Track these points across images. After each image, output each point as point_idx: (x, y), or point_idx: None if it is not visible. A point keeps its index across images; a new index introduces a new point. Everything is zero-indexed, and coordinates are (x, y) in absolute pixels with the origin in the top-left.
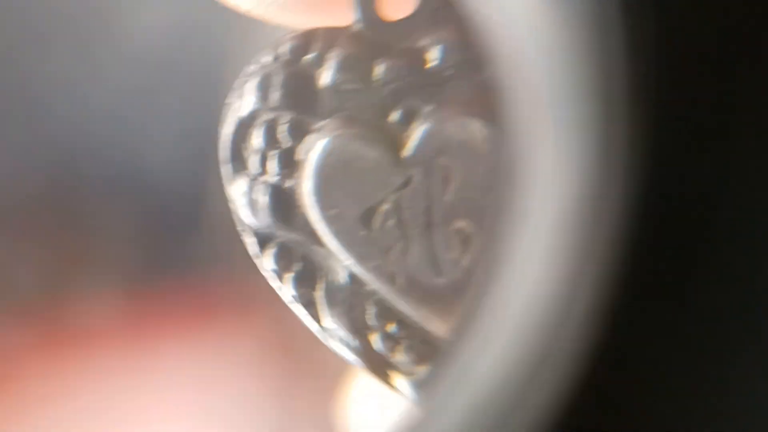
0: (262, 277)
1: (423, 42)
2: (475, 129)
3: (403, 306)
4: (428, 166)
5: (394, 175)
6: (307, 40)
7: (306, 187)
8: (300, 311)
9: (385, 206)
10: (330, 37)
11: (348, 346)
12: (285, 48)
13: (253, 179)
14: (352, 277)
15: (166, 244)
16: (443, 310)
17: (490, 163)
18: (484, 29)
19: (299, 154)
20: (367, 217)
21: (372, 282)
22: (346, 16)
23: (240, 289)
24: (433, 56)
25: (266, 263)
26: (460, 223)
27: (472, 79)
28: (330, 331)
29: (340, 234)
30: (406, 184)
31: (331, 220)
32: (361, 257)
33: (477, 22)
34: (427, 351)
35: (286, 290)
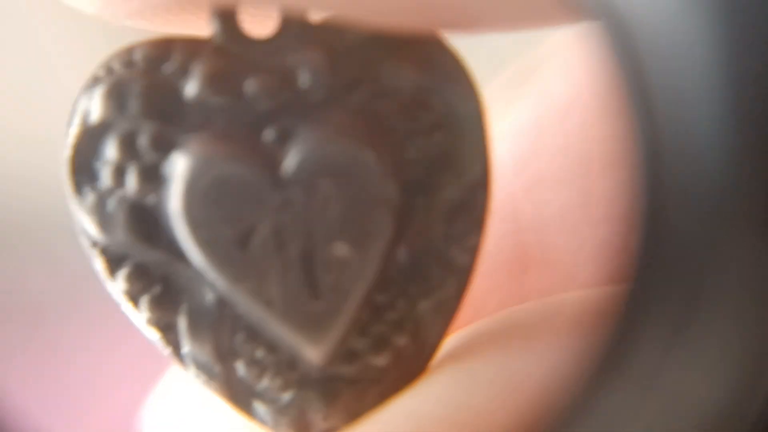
0: None
1: (290, 61)
2: (355, 152)
3: (277, 330)
4: (308, 188)
5: (271, 195)
6: (164, 49)
7: (175, 205)
8: (154, 336)
9: (262, 228)
10: (190, 48)
11: (208, 372)
12: (139, 56)
13: (106, 193)
14: (220, 300)
15: None
16: (318, 334)
17: (368, 186)
18: None
19: (164, 168)
20: (243, 238)
21: (245, 305)
22: (205, 28)
23: None
24: (303, 76)
25: (118, 284)
26: (339, 246)
27: (345, 102)
28: (189, 357)
29: (213, 255)
30: (284, 205)
31: (203, 242)
32: (235, 279)
33: None
34: (294, 377)
35: (140, 313)
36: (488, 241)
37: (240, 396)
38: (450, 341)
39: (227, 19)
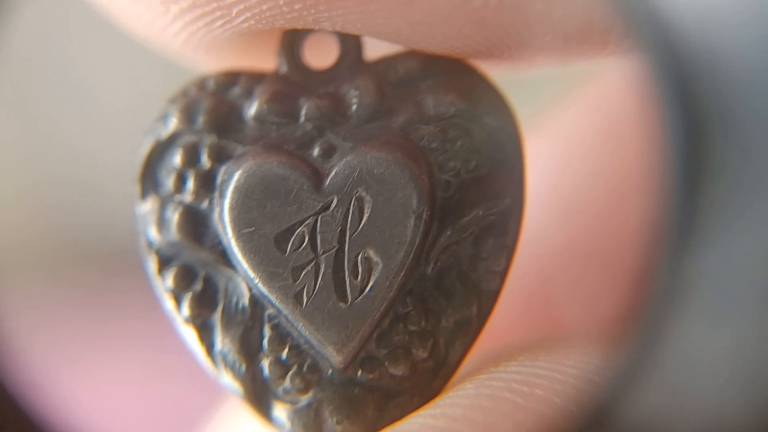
0: None
1: (343, 88)
2: (392, 166)
3: (303, 328)
4: (345, 196)
5: (312, 201)
6: (233, 76)
7: (227, 203)
8: (190, 334)
9: (301, 230)
10: (256, 76)
11: (236, 370)
12: (211, 81)
13: (167, 198)
14: (253, 300)
15: None
16: (342, 335)
17: (401, 197)
18: None
19: (218, 176)
20: (281, 238)
21: (276, 303)
22: (270, 61)
23: None
24: (353, 101)
25: (165, 282)
26: (368, 252)
27: (389, 124)
28: (220, 355)
29: (252, 252)
30: (323, 210)
31: (245, 238)
32: (270, 276)
33: None
34: (314, 379)
35: (180, 312)
36: (518, 268)
37: (261, 396)
38: (472, 363)
39: (291, 50)
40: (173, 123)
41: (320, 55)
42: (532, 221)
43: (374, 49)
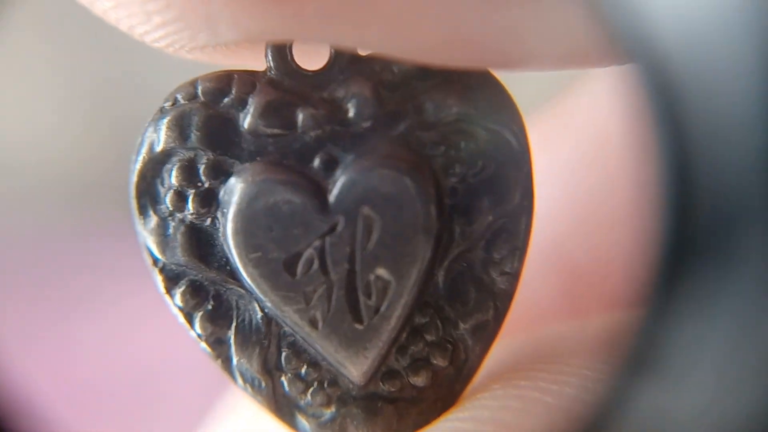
0: None
1: (339, 93)
2: (397, 181)
3: (320, 350)
4: (352, 215)
5: (318, 222)
6: (224, 82)
7: (230, 228)
8: (206, 351)
9: (309, 252)
10: (247, 81)
11: (255, 386)
12: (201, 88)
13: (167, 216)
14: (267, 319)
15: None
16: (359, 354)
17: (409, 213)
18: None
19: (220, 194)
20: (291, 262)
21: (291, 325)
22: (261, 61)
23: None
24: (350, 108)
25: (175, 301)
26: (380, 271)
27: (389, 132)
28: (238, 370)
29: (262, 277)
30: (329, 231)
31: (254, 263)
32: (284, 300)
33: None
34: (336, 393)
35: (193, 329)
36: (532, 267)
37: (284, 410)
38: (490, 361)
39: (281, 53)
40: (164, 137)
41: (310, 54)
42: (543, 221)
43: None
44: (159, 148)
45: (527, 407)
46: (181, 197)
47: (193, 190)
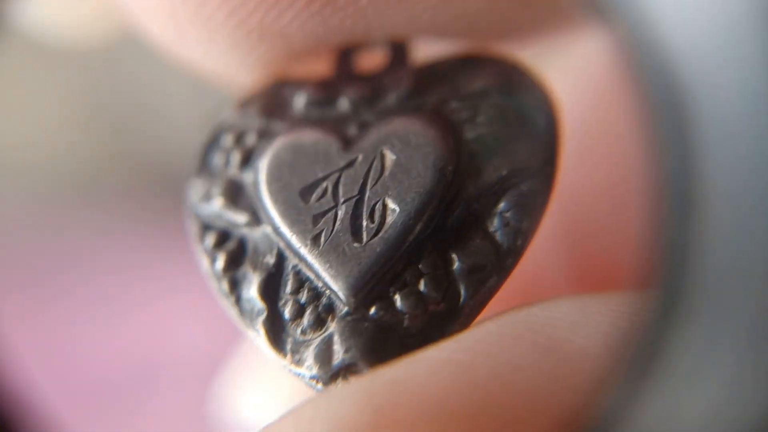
0: None
1: (384, 81)
2: (417, 127)
3: (318, 266)
4: (369, 154)
5: (338, 159)
6: (286, 78)
7: (260, 166)
8: (222, 286)
9: (325, 183)
10: (307, 78)
11: (257, 315)
12: (269, 83)
13: (214, 174)
14: (279, 254)
15: None
16: (354, 270)
17: (422, 152)
18: None
19: (260, 151)
20: (306, 191)
21: (295, 246)
22: (322, 67)
23: None
24: (390, 88)
25: (204, 243)
26: (387, 200)
27: (421, 104)
28: (247, 302)
29: (278, 203)
30: (347, 166)
31: (275, 191)
32: (292, 223)
33: None
34: (328, 317)
35: (215, 268)
36: (545, 230)
37: (280, 336)
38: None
39: (345, 60)
40: (229, 113)
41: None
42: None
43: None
44: (221, 121)
45: (520, 347)
46: (228, 156)
47: (239, 149)
